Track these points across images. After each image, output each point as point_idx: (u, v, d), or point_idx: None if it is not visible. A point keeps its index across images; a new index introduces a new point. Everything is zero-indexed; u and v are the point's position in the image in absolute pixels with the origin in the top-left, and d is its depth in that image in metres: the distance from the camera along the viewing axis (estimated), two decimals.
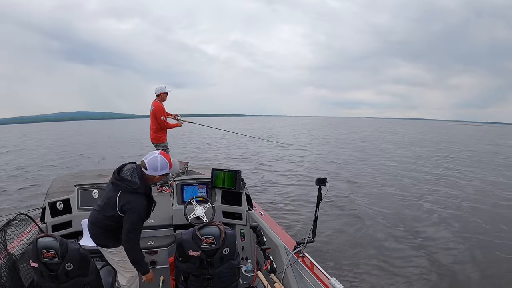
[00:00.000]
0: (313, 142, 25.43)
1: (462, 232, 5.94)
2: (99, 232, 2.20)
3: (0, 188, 9.46)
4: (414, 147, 22.82)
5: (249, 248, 3.27)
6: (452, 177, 11.29)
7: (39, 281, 1.77)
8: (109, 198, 2.08)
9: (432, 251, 5.09)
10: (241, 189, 3.42)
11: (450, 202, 7.99)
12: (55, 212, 3.10)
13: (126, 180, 2.04)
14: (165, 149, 5.12)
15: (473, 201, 8.12)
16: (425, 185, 9.87)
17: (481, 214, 6.95)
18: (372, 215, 6.75)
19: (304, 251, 2.46)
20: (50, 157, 16.81)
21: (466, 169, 13.12)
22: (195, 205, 3.17)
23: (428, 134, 43.43)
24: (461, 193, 8.91)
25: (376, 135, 37.57)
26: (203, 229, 1.92)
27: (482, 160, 16.40)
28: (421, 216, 6.82)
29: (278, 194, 8.56)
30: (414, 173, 11.81)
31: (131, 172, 2.08)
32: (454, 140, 31.61)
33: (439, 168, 13.27)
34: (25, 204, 7.25)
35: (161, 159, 2.06)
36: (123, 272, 2.30)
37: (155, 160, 2.05)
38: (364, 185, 9.82)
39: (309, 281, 2.23)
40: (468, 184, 10.15)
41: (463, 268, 4.61)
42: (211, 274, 1.93)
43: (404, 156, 17.22)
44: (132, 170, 2.09)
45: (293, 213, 6.81)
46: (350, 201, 7.76)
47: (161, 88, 4.98)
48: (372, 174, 11.63)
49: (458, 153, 19.39)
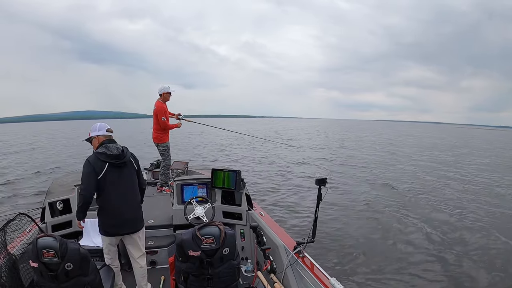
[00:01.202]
0: (332, 145, 24.84)
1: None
2: (140, 211, 2.58)
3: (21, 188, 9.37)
4: (446, 151, 22.03)
5: (249, 248, 3.27)
6: (482, 183, 10.82)
7: (39, 281, 1.77)
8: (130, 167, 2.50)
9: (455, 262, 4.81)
10: (241, 189, 3.42)
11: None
12: (55, 212, 3.10)
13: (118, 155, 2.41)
14: (166, 149, 5.12)
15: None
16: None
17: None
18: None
19: (304, 251, 2.46)
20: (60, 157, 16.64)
21: (492, 175, 12.64)
22: (195, 205, 3.17)
23: (446, 138, 42.56)
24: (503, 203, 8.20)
25: (395, 138, 36.86)
26: (203, 229, 1.91)
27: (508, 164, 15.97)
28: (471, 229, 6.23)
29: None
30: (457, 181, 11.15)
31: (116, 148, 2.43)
32: (471, 145, 30.85)
33: (470, 174, 12.76)
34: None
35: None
36: (143, 251, 2.65)
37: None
38: (411, 192, 9.22)
39: (309, 281, 2.23)
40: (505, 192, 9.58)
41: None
42: (211, 274, 1.93)
43: (438, 161, 16.52)
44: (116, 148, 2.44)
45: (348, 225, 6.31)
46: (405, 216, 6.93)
47: (164, 88, 4.94)
48: (412, 180, 11.05)
49: (484, 158, 19.09)
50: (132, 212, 2.50)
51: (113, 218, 2.41)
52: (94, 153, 2.37)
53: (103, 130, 2.46)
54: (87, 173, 2.28)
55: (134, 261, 2.60)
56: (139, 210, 2.59)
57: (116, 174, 2.38)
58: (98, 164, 2.31)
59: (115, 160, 2.35)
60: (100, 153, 2.34)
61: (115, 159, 2.35)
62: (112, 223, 2.42)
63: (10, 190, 9.17)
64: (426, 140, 34.57)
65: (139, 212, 2.58)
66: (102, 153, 2.33)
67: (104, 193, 2.36)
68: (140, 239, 2.59)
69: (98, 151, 2.36)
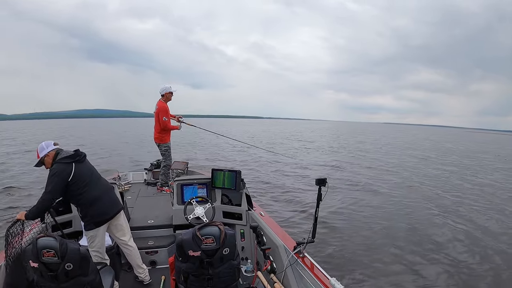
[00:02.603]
0: (351, 147, 24.49)
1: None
2: (113, 193, 2.76)
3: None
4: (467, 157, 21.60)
5: (249, 248, 3.27)
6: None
7: (39, 281, 1.77)
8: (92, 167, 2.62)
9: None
10: (241, 189, 3.42)
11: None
12: (55, 212, 3.10)
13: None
14: (167, 149, 5.12)
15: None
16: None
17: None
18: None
19: (304, 251, 2.46)
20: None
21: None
22: (195, 205, 3.17)
23: (460, 142, 42.06)
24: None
25: (414, 141, 36.19)
26: (203, 229, 1.91)
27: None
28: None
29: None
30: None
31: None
32: (487, 150, 30.39)
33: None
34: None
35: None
36: (129, 231, 2.83)
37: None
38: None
39: (309, 281, 2.23)
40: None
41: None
42: (211, 274, 1.93)
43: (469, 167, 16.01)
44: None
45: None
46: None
47: (166, 88, 4.92)
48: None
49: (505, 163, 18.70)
50: (108, 196, 2.63)
51: (97, 208, 2.52)
52: (57, 161, 2.39)
53: (51, 145, 2.50)
54: (56, 178, 2.33)
55: (125, 245, 2.76)
56: (112, 192, 2.75)
57: (83, 169, 2.48)
58: (64, 168, 2.37)
59: (78, 157, 2.46)
60: (63, 157, 2.40)
61: (77, 156, 2.46)
62: (97, 212, 2.53)
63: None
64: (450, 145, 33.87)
65: (113, 194, 2.75)
66: (65, 157, 2.40)
67: (80, 190, 2.44)
68: (124, 221, 2.78)
69: (61, 158, 2.41)
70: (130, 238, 2.81)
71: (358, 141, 33.37)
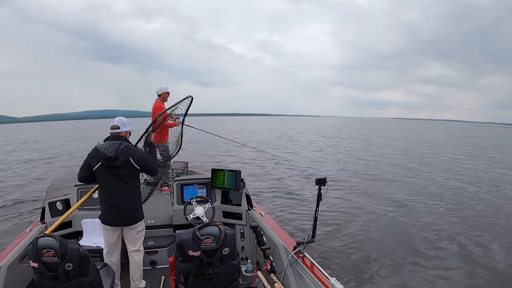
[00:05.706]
0: (373, 144, 22.84)
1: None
2: (133, 207, 2.60)
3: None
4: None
5: (249, 248, 3.27)
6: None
7: (39, 281, 1.77)
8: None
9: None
10: (241, 189, 3.42)
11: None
12: (55, 212, 3.10)
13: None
14: (166, 149, 5.12)
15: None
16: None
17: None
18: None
19: (304, 251, 2.46)
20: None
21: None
22: (195, 205, 3.17)
23: (484, 137, 39.62)
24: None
25: (436, 137, 34.53)
26: (203, 229, 1.92)
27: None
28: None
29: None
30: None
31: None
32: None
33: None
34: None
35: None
36: (139, 247, 2.67)
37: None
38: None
39: (309, 281, 2.23)
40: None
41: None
42: (211, 274, 1.93)
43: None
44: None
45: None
46: None
47: (163, 88, 4.94)
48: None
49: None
50: (124, 205, 2.52)
51: (107, 207, 2.51)
52: (94, 148, 2.47)
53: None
54: (86, 162, 2.48)
55: (129, 254, 2.68)
56: (133, 206, 2.58)
57: (108, 173, 2.45)
58: (93, 159, 2.44)
59: (106, 162, 2.41)
60: (97, 150, 2.43)
61: (106, 161, 2.40)
62: (106, 211, 2.52)
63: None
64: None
65: (132, 207, 2.58)
66: (98, 151, 2.42)
67: (99, 183, 2.52)
68: (136, 234, 2.63)
69: (97, 148, 2.44)
70: (135, 251, 2.65)
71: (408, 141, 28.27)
